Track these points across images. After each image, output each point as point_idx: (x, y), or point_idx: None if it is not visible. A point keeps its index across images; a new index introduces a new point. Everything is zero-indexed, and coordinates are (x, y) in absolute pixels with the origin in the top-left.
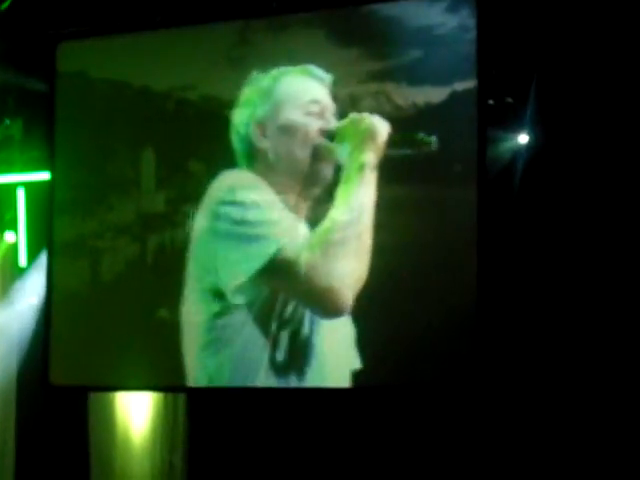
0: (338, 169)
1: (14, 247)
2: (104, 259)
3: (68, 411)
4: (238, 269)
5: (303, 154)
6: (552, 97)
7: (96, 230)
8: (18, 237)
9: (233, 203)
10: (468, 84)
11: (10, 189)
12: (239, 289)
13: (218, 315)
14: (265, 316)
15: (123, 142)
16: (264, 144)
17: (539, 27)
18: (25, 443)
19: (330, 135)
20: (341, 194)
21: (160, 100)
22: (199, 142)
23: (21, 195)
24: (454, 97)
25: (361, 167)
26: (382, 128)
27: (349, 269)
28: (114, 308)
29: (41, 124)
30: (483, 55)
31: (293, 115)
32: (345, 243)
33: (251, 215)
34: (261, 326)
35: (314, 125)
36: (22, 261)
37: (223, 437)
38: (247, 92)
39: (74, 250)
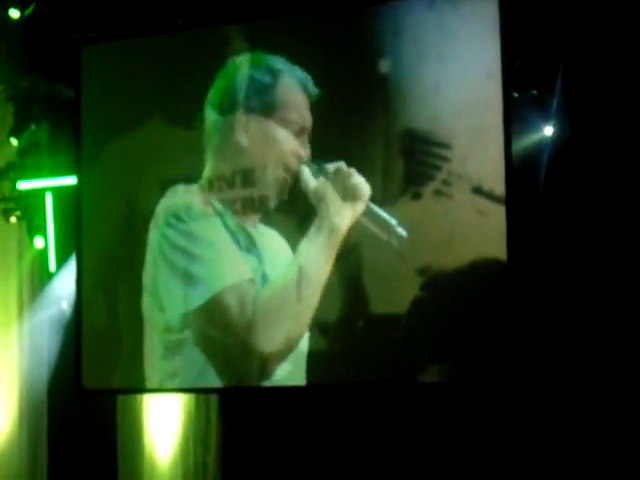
0: (307, 207)
1: (44, 252)
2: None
3: (99, 414)
4: (176, 303)
5: (273, 170)
6: (577, 88)
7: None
8: (47, 242)
9: (180, 231)
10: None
11: (38, 194)
12: (179, 322)
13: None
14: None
15: None
16: (243, 139)
17: (563, 18)
18: (57, 446)
19: (314, 171)
20: (302, 249)
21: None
22: None
23: (49, 200)
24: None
25: (332, 230)
26: (365, 192)
27: (282, 334)
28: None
29: (67, 129)
30: (507, 47)
31: (276, 127)
32: (284, 305)
33: (197, 250)
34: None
35: (290, 144)
36: (52, 266)
37: (256, 436)
38: (243, 72)
39: (102, 254)
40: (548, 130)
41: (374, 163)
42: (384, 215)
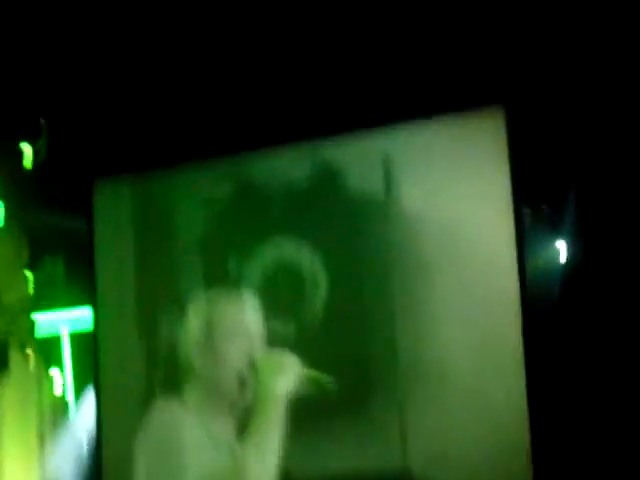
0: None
1: (62, 385)
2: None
3: None
4: None
5: (228, 379)
6: (590, 205)
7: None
8: (64, 375)
9: (165, 444)
10: None
11: (55, 327)
12: None
13: None
14: None
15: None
16: (198, 362)
17: (575, 134)
18: None
19: (252, 362)
20: (252, 428)
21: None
22: None
23: (65, 332)
24: None
25: (271, 399)
26: (292, 363)
27: None
28: None
29: (82, 261)
30: (517, 166)
31: (225, 344)
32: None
33: (180, 460)
34: None
35: (240, 353)
36: (70, 399)
37: None
38: (190, 310)
39: (120, 385)
40: (560, 246)
41: None
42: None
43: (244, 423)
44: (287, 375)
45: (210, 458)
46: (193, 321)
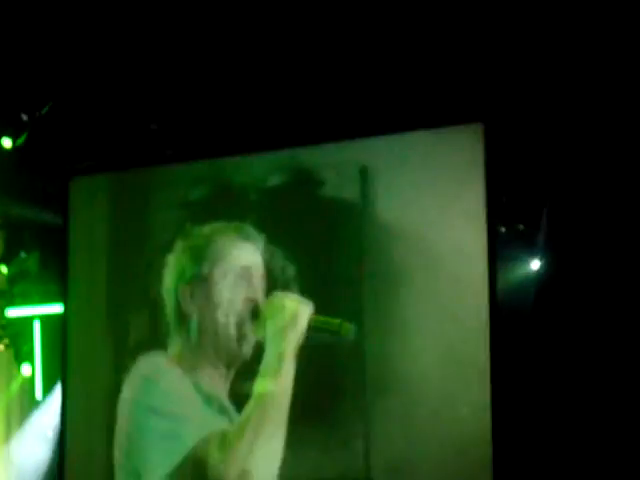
0: (258, 349)
1: (31, 380)
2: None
3: None
4: (151, 467)
5: (226, 326)
6: (563, 224)
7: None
8: (34, 370)
9: (150, 394)
10: None
11: (27, 322)
12: None
13: None
14: None
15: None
16: (190, 308)
17: (550, 153)
18: None
19: (254, 310)
20: (258, 388)
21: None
22: None
23: (37, 328)
24: None
25: (280, 356)
26: (304, 311)
27: (262, 471)
28: None
29: (57, 257)
30: (492, 183)
31: (221, 283)
32: (254, 442)
33: (166, 409)
34: None
35: (241, 295)
36: (38, 394)
37: None
38: (178, 248)
39: (88, 382)
40: (534, 265)
41: None
42: (325, 318)
43: (240, 384)
44: (298, 325)
45: (200, 417)
46: (184, 259)
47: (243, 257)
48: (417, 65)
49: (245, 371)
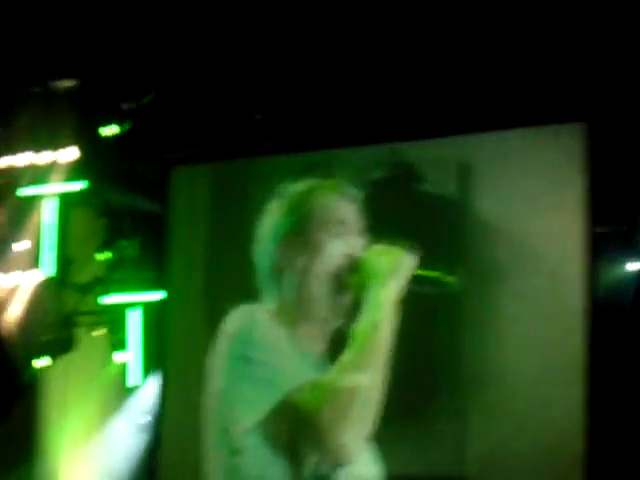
0: (357, 302)
1: (124, 367)
2: None
3: None
4: (244, 414)
5: (323, 279)
6: None
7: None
8: (129, 357)
9: (245, 343)
10: None
11: (122, 309)
12: (247, 433)
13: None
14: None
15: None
16: (287, 263)
17: None
18: None
19: (353, 263)
20: (357, 335)
21: None
22: None
23: (138, 314)
24: None
25: (381, 305)
26: (407, 263)
27: (357, 421)
28: None
29: (156, 244)
30: (593, 183)
31: (318, 236)
32: (355, 392)
33: (263, 358)
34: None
35: (338, 249)
36: (131, 381)
37: None
38: (274, 207)
39: (187, 371)
40: (634, 265)
41: None
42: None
43: (338, 341)
44: (400, 273)
45: (295, 370)
46: (279, 215)
47: (340, 212)
48: (523, 64)
49: (342, 328)
